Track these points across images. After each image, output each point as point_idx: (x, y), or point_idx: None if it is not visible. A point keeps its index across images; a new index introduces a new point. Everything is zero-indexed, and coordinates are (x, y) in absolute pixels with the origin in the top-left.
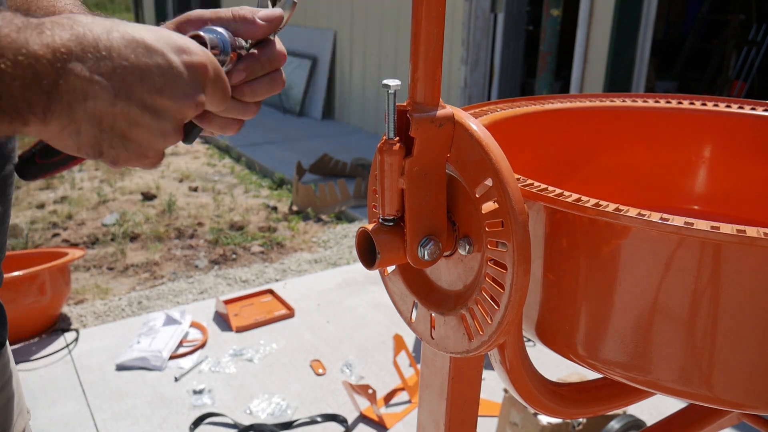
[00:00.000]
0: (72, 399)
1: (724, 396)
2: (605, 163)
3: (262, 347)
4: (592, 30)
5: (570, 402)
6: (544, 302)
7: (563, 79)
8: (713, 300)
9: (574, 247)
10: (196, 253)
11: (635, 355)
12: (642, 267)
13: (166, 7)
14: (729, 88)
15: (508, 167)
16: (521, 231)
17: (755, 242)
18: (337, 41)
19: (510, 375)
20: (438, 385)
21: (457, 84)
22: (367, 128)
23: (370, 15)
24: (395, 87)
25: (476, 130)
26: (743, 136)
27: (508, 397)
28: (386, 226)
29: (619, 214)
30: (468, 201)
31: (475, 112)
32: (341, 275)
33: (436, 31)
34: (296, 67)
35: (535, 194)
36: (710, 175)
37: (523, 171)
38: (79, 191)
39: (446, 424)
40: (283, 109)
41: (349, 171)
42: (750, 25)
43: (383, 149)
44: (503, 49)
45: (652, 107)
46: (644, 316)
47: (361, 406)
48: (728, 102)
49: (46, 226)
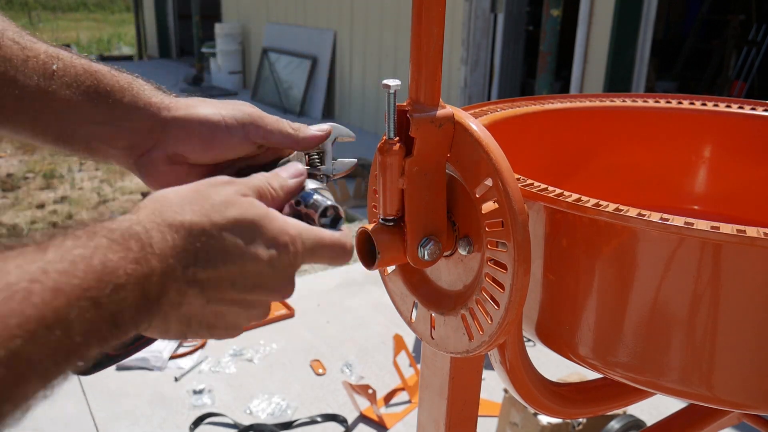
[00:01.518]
0: (72, 399)
1: (724, 396)
2: (605, 163)
3: (262, 347)
4: (592, 30)
5: (570, 402)
6: (544, 302)
7: (563, 79)
8: (713, 300)
9: (574, 247)
10: None
11: (635, 355)
12: (642, 267)
13: (166, 7)
14: (729, 88)
15: (508, 167)
16: (521, 231)
17: (755, 242)
18: (337, 41)
19: (510, 375)
20: (438, 385)
21: (457, 84)
22: (367, 128)
23: (370, 15)
24: (395, 87)
25: (476, 130)
26: (743, 136)
27: (508, 397)
28: (386, 226)
29: (619, 214)
30: (468, 201)
31: (475, 112)
32: (341, 275)
33: (436, 31)
34: (296, 67)
35: (535, 194)
36: (710, 175)
37: (523, 171)
38: (79, 191)
39: (446, 424)
40: (283, 109)
41: None
42: (750, 25)
43: (383, 149)
44: (503, 49)
45: (652, 107)
46: (644, 315)
47: (361, 406)
48: (728, 102)
49: (46, 226)
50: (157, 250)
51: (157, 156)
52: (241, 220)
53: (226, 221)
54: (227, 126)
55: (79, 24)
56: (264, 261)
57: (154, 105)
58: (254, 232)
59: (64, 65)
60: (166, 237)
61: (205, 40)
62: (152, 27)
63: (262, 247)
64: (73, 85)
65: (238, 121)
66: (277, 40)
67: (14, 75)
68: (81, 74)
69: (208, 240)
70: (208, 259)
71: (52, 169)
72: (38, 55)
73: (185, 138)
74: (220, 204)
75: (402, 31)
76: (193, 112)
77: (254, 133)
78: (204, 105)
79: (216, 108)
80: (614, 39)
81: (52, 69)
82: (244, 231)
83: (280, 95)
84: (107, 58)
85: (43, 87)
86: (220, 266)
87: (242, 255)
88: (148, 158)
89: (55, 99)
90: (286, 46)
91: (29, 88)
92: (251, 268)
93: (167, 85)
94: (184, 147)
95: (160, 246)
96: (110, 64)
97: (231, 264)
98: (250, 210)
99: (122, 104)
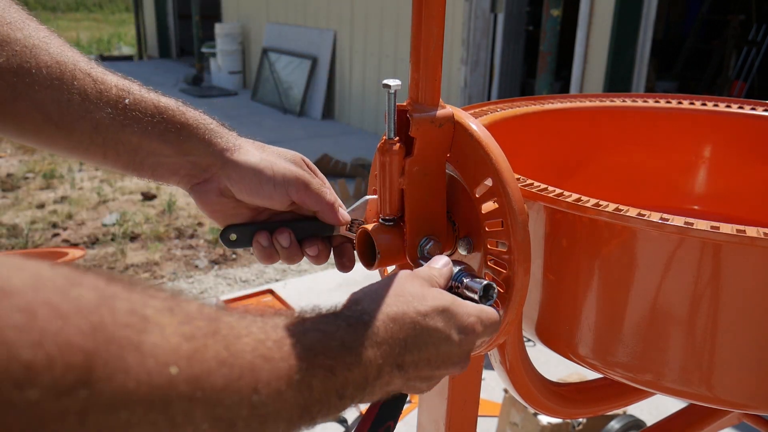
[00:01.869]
0: None
1: (724, 396)
2: (605, 163)
3: None
4: (592, 30)
5: (570, 402)
6: (544, 302)
7: (563, 79)
8: (713, 300)
9: (574, 247)
10: (196, 252)
11: (635, 354)
12: (642, 267)
13: (165, 7)
14: (729, 88)
15: (508, 167)
16: (521, 231)
17: (755, 242)
18: (337, 41)
19: (510, 375)
20: (438, 385)
21: (457, 84)
22: (367, 128)
23: (370, 15)
24: (395, 87)
25: (476, 130)
26: (743, 136)
27: (508, 397)
28: (386, 226)
29: (619, 214)
30: (468, 201)
31: (475, 113)
32: (341, 275)
33: (437, 31)
34: (296, 67)
35: (535, 194)
36: (710, 175)
37: (523, 171)
38: (79, 191)
39: (446, 424)
40: (283, 109)
41: (349, 171)
42: (750, 25)
43: (383, 149)
44: (503, 49)
45: (652, 107)
46: (644, 315)
47: (362, 406)
48: (728, 102)
49: (46, 226)
50: (379, 338)
51: (210, 188)
52: (438, 307)
53: (428, 309)
54: (274, 182)
55: (79, 24)
56: (456, 342)
57: (216, 145)
58: (449, 318)
59: (134, 100)
60: (387, 326)
61: (205, 40)
62: (152, 27)
63: (455, 330)
64: (143, 121)
65: (285, 178)
66: (277, 40)
67: (89, 107)
68: (151, 110)
69: (415, 327)
70: (415, 344)
71: (52, 169)
72: (110, 89)
73: (237, 180)
74: (418, 295)
75: (402, 31)
76: (249, 159)
77: (296, 194)
78: (261, 152)
79: (271, 159)
80: (614, 39)
81: (124, 103)
82: (442, 317)
83: (280, 95)
84: (107, 58)
85: (116, 120)
86: (423, 349)
87: (440, 338)
88: (203, 188)
89: (127, 133)
90: (286, 46)
91: (102, 121)
92: (445, 349)
93: (167, 84)
94: (234, 187)
95: (383, 335)
96: (118, 71)
97: (432, 347)
98: (441, 298)
99: (189, 142)
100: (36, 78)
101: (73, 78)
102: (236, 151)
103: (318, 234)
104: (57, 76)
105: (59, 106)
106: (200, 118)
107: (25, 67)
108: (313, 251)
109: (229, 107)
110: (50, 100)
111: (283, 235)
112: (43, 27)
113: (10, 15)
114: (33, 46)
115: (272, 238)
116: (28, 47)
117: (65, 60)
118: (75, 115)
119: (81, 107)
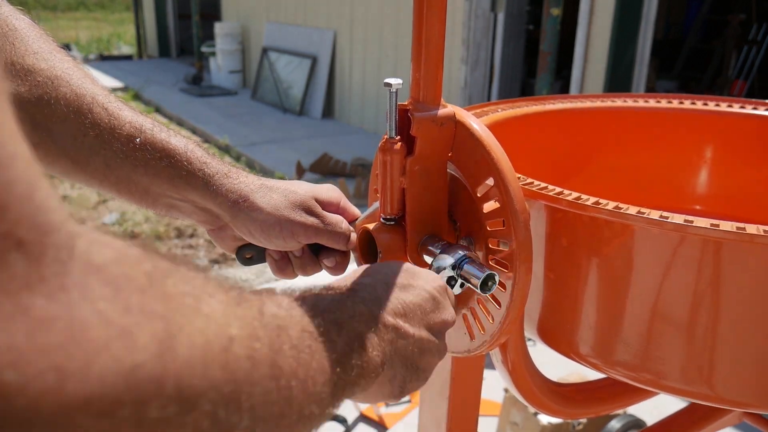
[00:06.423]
0: None
1: (725, 395)
2: (606, 163)
3: None
4: (592, 30)
5: (571, 402)
6: (545, 301)
7: (563, 79)
8: (714, 298)
9: (575, 245)
10: (196, 252)
11: (637, 354)
12: (642, 265)
13: (165, 7)
14: (729, 88)
15: (510, 166)
16: (523, 230)
17: (755, 239)
18: (337, 41)
19: (511, 374)
20: (439, 385)
21: (457, 84)
22: (367, 128)
23: (370, 15)
24: (397, 86)
25: (478, 129)
26: (744, 135)
27: (509, 397)
28: (387, 225)
29: (619, 212)
30: (469, 200)
31: (476, 113)
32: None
33: (438, 30)
34: (296, 67)
35: (535, 193)
36: (711, 175)
37: (524, 172)
38: (79, 191)
39: (447, 423)
40: (283, 108)
41: (349, 171)
42: (750, 25)
43: (385, 148)
44: (503, 48)
45: (652, 107)
46: (645, 314)
47: (361, 406)
48: (729, 102)
49: None
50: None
51: (225, 235)
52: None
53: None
54: (283, 235)
55: (79, 23)
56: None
57: (225, 197)
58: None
59: (145, 139)
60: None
61: (205, 39)
62: (152, 26)
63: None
64: (151, 163)
65: (294, 230)
66: (277, 39)
67: (102, 144)
68: (159, 152)
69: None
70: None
71: None
72: (123, 125)
73: (248, 233)
74: None
75: (402, 31)
76: (257, 216)
77: (306, 239)
78: (269, 200)
79: (279, 209)
80: (614, 39)
81: (135, 143)
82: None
83: (280, 95)
84: (107, 58)
85: (127, 160)
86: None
87: (433, 309)
88: (219, 234)
89: (138, 174)
90: (286, 45)
91: (115, 156)
92: (440, 320)
93: (167, 84)
94: (247, 232)
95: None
96: (118, 70)
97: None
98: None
99: (196, 192)
100: (54, 110)
101: (89, 111)
102: (245, 202)
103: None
104: (74, 108)
105: (74, 142)
106: (207, 167)
107: (45, 99)
108: (330, 262)
109: (228, 106)
110: (66, 135)
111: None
112: (68, 58)
113: (38, 45)
114: (55, 77)
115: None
116: (50, 78)
117: (84, 93)
118: (89, 152)
119: (95, 143)
